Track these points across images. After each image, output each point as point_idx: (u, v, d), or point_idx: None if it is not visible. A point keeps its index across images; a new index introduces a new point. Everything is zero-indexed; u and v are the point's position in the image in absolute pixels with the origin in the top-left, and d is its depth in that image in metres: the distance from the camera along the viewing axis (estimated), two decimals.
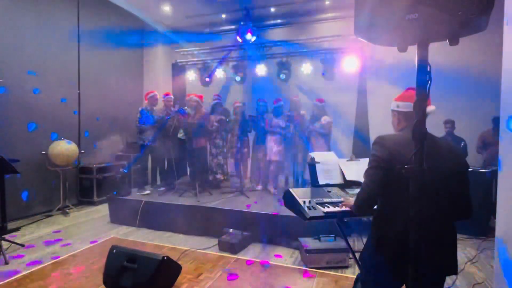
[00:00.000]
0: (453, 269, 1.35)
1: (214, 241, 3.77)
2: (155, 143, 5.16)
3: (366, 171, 1.39)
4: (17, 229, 4.22)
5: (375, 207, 1.40)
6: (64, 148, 4.90)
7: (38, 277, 2.90)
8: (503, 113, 2.00)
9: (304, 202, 1.75)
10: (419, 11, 0.91)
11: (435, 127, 1.34)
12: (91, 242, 3.80)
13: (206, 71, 6.63)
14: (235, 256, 3.44)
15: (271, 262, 3.27)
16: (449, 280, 2.73)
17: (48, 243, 3.78)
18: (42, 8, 5.00)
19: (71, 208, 5.20)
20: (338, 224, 1.86)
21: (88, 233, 4.16)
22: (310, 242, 3.30)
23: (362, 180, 1.93)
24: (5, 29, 4.50)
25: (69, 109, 5.48)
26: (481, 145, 4.96)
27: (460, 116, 4.97)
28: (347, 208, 1.67)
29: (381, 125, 3.01)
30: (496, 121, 4.51)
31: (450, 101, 5.22)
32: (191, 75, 6.89)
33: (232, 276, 2.95)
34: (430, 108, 1.38)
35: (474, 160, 4.70)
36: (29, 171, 4.71)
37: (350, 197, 1.80)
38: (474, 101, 5.28)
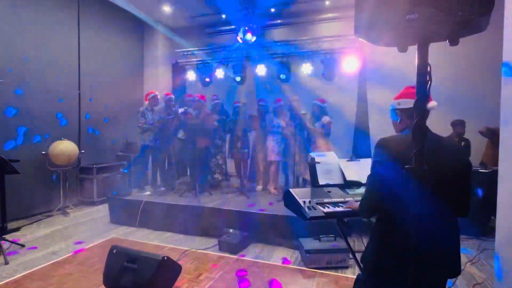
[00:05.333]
0: (456, 271, 1.35)
1: (214, 241, 3.77)
2: (155, 143, 5.17)
3: (368, 177, 1.38)
4: (17, 229, 4.22)
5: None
6: (64, 148, 4.91)
7: (38, 277, 2.90)
8: (503, 115, 2.01)
9: (304, 202, 1.75)
10: (419, 11, 0.91)
11: (443, 127, 1.35)
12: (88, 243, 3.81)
13: (206, 71, 6.62)
14: (235, 256, 3.44)
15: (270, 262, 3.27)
16: (449, 278, 2.73)
17: (48, 243, 3.79)
18: (42, 8, 5.00)
19: (71, 208, 5.20)
20: (338, 224, 1.86)
21: (88, 233, 4.16)
22: (310, 242, 3.30)
23: (362, 180, 1.94)
24: (6, 30, 4.50)
25: (69, 109, 5.48)
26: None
27: (465, 116, 4.93)
28: (351, 209, 1.67)
29: (381, 125, 3.01)
30: None
31: (453, 101, 5.20)
32: (191, 75, 6.89)
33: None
34: (431, 103, 1.37)
35: (474, 160, 4.68)
36: (29, 171, 4.71)
37: (351, 198, 1.80)
38: (478, 101, 5.27)
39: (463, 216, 1.37)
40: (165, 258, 2.51)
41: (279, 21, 6.94)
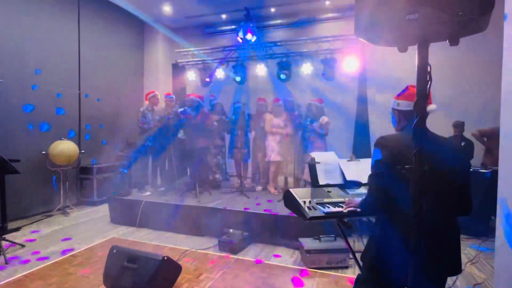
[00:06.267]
0: (456, 269, 1.35)
1: (214, 241, 3.77)
2: (155, 143, 5.17)
3: (370, 176, 1.38)
4: (17, 229, 4.22)
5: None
6: (64, 148, 4.91)
7: (38, 277, 2.90)
8: (504, 115, 2.00)
9: (304, 202, 1.75)
10: (419, 11, 0.91)
11: (443, 127, 1.36)
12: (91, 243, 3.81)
13: (206, 71, 6.62)
14: (235, 256, 3.44)
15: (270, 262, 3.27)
16: (449, 280, 2.73)
17: (48, 243, 3.78)
18: (42, 8, 5.00)
19: (71, 208, 5.20)
20: (338, 224, 1.86)
21: (88, 233, 4.16)
22: (310, 242, 3.30)
23: (362, 180, 1.93)
24: (6, 30, 4.50)
25: (69, 109, 5.48)
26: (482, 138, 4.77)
27: (466, 117, 4.93)
28: (351, 208, 1.66)
29: (381, 125, 3.02)
30: None
31: (456, 101, 5.22)
32: (191, 75, 6.89)
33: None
34: (431, 106, 1.38)
35: (474, 160, 4.68)
36: (29, 171, 4.71)
37: (352, 198, 1.79)
38: (480, 101, 5.27)
39: (465, 214, 1.38)
40: (165, 258, 2.51)
41: (279, 21, 6.94)
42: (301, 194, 1.84)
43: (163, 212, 4.31)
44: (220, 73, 6.64)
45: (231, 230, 3.78)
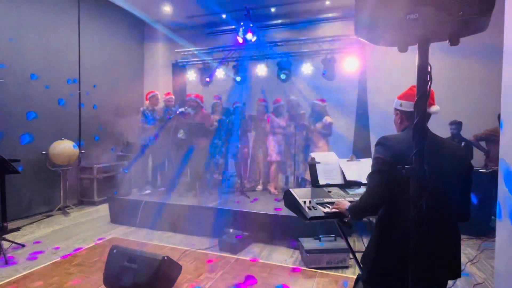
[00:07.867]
0: (456, 274, 1.34)
1: (214, 241, 3.77)
2: (155, 143, 5.17)
3: (369, 176, 1.35)
4: (17, 229, 4.22)
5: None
6: (64, 148, 4.90)
7: (38, 277, 2.90)
8: (504, 115, 2.01)
9: (305, 202, 1.75)
10: (419, 11, 0.91)
11: (440, 128, 1.34)
12: (95, 242, 3.81)
13: (206, 71, 6.62)
14: (235, 256, 3.44)
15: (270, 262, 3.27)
16: (449, 280, 2.73)
17: (49, 243, 3.78)
18: (42, 8, 5.00)
19: (71, 208, 5.20)
20: (338, 224, 1.85)
21: (88, 233, 4.16)
22: (310, 242, 3.30)
23: (362, 180, 1.93)
24: (6, 30, 4.50)
25: (70, 109, 5.48)
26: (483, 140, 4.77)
27: (466, 116, 4.92)
28: (336, 210, 1.62)
29: (382, 125, 3.01)
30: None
31: (455, 101, 5.21)
32: (191, 75, 6.89)
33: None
34: (434, 107, 1.36)
35: (474, 160, 4.68)
36: (30, 171, 4.71)
37: (352, 198, 1.79)
38: (479, 101, 5.27)
39: (464, 219, 1.37)
40: (165, 258, 2.51)
41: (279, 21, 6.94)
42: (301, 194, 1.84)
43: (163, 212, 4.31)
44: (220, 73, 6.64)
45: (231, 230, 3.78)
